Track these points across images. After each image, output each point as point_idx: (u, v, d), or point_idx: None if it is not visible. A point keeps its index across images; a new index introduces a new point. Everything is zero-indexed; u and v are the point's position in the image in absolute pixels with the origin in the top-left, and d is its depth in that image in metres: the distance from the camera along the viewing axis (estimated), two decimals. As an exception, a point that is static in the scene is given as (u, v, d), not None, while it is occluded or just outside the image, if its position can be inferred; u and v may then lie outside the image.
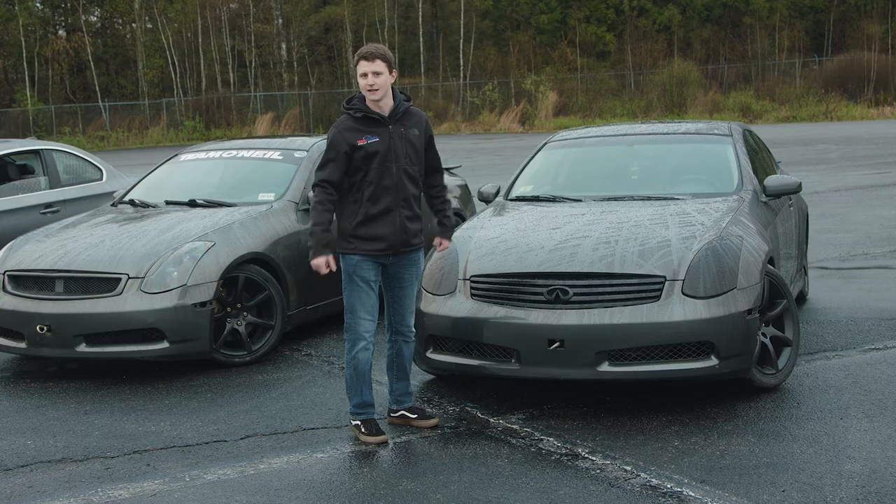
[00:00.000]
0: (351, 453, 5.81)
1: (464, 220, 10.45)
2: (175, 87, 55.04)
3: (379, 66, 5.81)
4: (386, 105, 5.92)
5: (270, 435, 6.17)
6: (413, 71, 58.01)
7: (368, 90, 5.84)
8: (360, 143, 5.84)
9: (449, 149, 33.24)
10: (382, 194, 5.88)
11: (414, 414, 6.23)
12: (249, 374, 7.58)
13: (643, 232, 6.63)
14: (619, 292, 6.17)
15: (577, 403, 6.53)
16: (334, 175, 5.85)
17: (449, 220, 6.25)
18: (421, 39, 57.27)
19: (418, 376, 7.23)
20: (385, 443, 5.93)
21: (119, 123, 50.93)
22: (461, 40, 56.27)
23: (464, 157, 27.97)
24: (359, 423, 6.03)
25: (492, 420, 6.29)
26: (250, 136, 31.63)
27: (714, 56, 57.23)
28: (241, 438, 6.14)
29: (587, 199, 7.59)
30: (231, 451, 5.93)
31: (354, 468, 5.58)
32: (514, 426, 6.15)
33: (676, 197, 7.46)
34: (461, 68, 55.62)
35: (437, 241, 6.25)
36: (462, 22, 56.14)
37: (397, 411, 6.27)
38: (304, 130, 49.29)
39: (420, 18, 57.43)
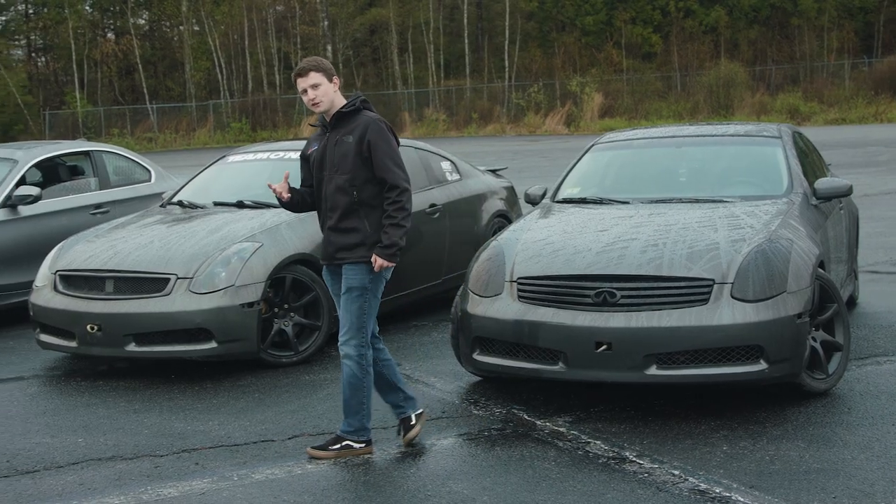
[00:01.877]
0: (398, 454, 5.82)
1: (510, 222, 10.45)
2: (222, 89, 55.40)
3: (314, 78, 5.67)
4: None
5: (318, 435, 6.19)
6: (458, 73, 58.01)
7: (312, 105, 5.72)
8: (309, 152, 5.89)
9: (494, 150, 33.25)
10: (320, 203, 5.84)
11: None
12: (296, 375, 7.62)
13: (691, 235, 6.58)
14: (667, 295, 6.13)
15: (624, 406, 6.50)
16: (302, 178, 6.04)
17: (387, 236, 5.61)
18: (466, 41, 57.22)
19: (465, 378, 7.24)
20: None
21: (166, 125, 51.38)
22: (506, 42, 56.16)
23: (509, 158, 27.92)
24: (397, 423, 6.04)
25: (538, 422, 6.28)
26: (296, 138, 31.78)
27: (761, 57, 56.72)
28: (289, 438, 6.17)
29: (635, 202, 7.55)
30: (279, 450, 5.96)
31: (401, 468, 5.59)
32: (561, 429, 6.13)
33: (725, 199, 7.40)
34: (506, 70, 55.51)
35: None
36: (507, 23, 56.03)
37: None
38: (349, 132, 49.28)
39: (465, 20, 57.39)
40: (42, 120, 52.42)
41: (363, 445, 5.82)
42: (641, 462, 5.52)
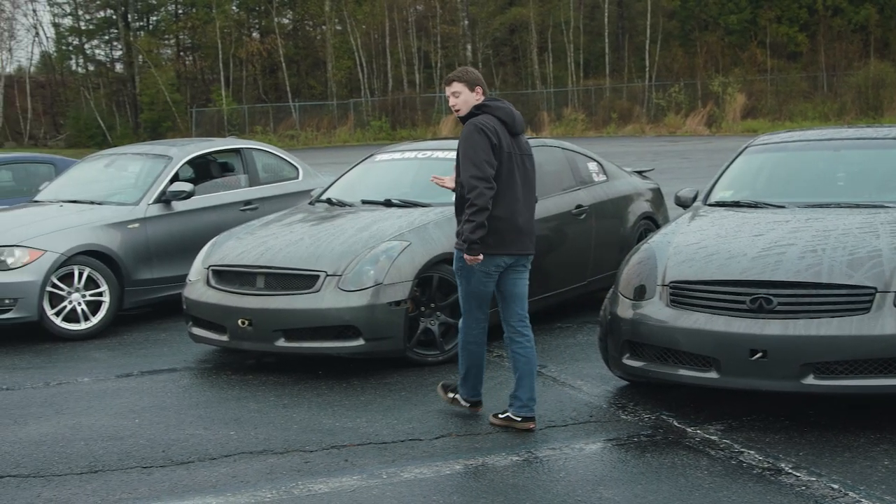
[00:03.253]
0: (546, 457, 5.77)
1: (656, 224, 10.30)
2: (362, 87, 56.14)
3: (455, 87, 6.29)
4: None
5: (465, 436, 6.18)
6: (598, 72, 57.55)
7: (454, 110, 6.34)
8: None
9: (634, 151, 32.89)
10: None
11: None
12: (442, 374, 7.61)
13: (852, 241, 6.37)
14: (826, 303, 5.94)
15: (778, 416, 6.32)
16: None
17: (460, 227, 6.13)
18: (606, 40, 56.77)
19: (611, 381, 7.15)
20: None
21: (308, 123, 52.33)
22: (647, 41, 55.51)
23: (650, 160, 27.53)
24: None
25: (689, 430, 6.15)
26: (435, 137, 31.95)
27: (914, 57, 54.80)
28: (436, 438, 6.17)
29: (791, 206, 7.35)
30: (426, 450, 5.96)
31: (550, 472, 5.53)
32: (713, 437, 5.99)
33: (887, 205, 7.14)
34: (647, 69, 54.87)
35: None
36: (648, 22, 55.39)
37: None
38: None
39: (606, 19, 56.94)
40: (189, 117, 53.97)
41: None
42: (798, 474, 5.36)
